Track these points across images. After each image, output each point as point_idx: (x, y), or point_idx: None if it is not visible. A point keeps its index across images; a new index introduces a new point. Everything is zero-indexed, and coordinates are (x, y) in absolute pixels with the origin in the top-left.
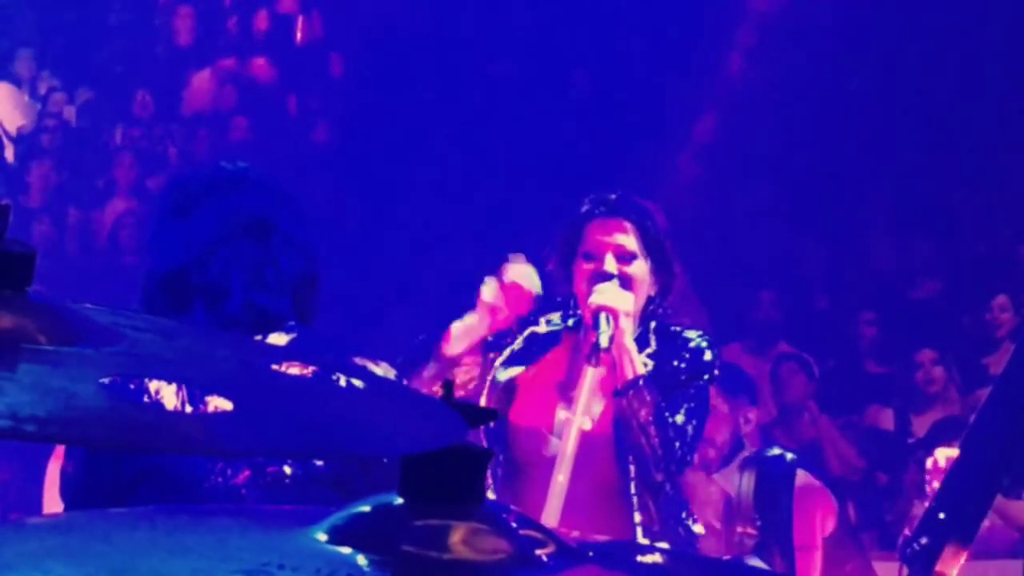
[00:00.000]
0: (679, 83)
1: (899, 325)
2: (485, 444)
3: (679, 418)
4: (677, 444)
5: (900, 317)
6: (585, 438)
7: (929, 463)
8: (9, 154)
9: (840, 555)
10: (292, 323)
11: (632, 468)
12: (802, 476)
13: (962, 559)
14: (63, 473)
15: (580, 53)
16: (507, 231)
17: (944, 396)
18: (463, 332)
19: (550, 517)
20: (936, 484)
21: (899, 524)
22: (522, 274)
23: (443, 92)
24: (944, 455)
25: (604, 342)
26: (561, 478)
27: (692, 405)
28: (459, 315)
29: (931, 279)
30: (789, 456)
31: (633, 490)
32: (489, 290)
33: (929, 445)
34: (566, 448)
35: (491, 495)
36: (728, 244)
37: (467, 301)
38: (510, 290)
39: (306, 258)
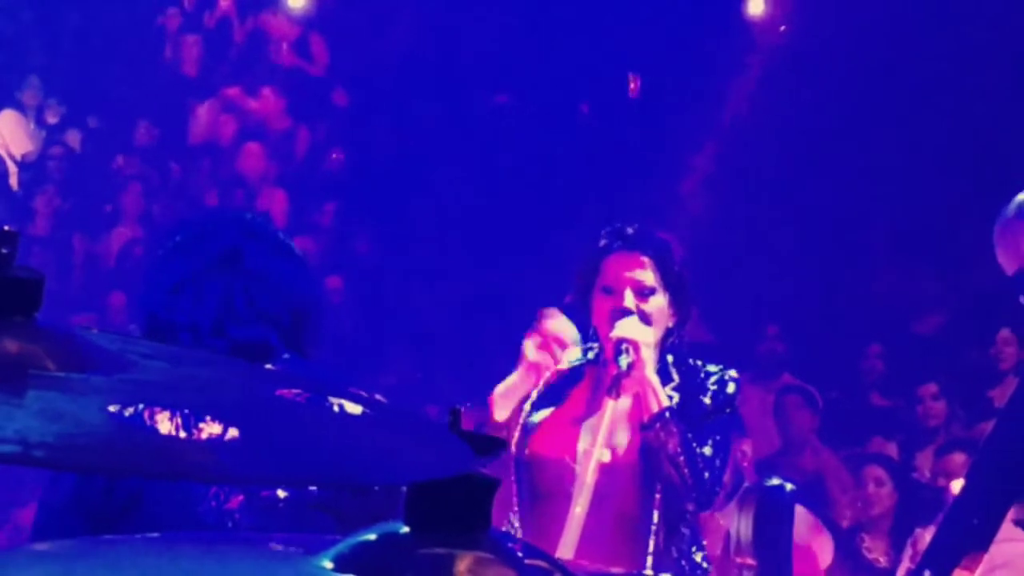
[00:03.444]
0: (683, 115)
1: (903, 359)
2: (514, 476)
3: (707, 450)
4: (707, 475)
5: (904, 351)
6: (606, 470)
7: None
8: (14, 181)
9: None
10: (287, 356)
11: (657, 499)
12: (799, 509)
13: None
14: (45, 503)
15: (585, 84)
16: (511, 258)
17: (946, 430)
18: (506, 394)
19: (567, 547)
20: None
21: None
22: (562, 327)
23: (449, 124)
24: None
25: (623, 365)
26: (579, 510)
27: (718, 438)
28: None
29: (935, 313)
30: (788, 486)
31: (654, 521)
32: (532, 348)
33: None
34: (584, 480)
35: (516, 522)
36: (733, 277)
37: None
38: (553, 345)
39: (287, 289)
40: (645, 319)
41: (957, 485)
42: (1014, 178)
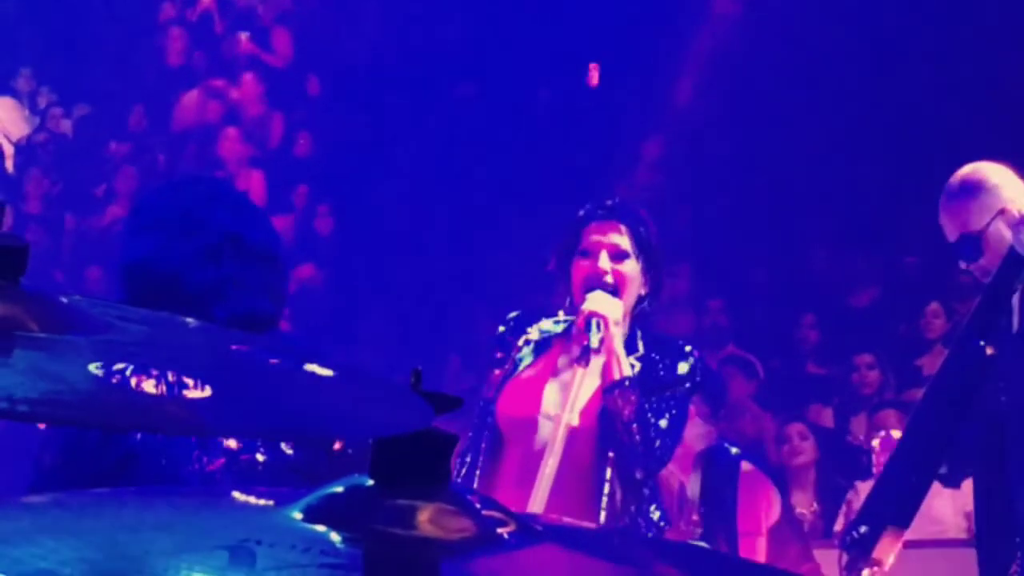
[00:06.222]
0: (635, 103)
1: (839, 330)
2: (483, 432)
3: (662, 422)
4: (657, 443)
5: (840, 322)
6: (573, 431)
7: (876, 442)
8: (9, 164)
9: (783, 541)
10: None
11: (610, 460)
12: (747, 466)
13: (898, 546)
14: (37, 465)
15: (544, 74)
16: (474, 239)
17: (880, 397)
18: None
19: (538, 502)
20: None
21: (836, 514)
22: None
23: (415, 112)
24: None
25: (595, 343)
26: (548, 469)
27: (674, 412)
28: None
29: (869, 287)
30: (734, 450)
31: (607, 479)
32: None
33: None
34: (555, 440)
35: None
36: (680, 255)
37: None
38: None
39: (284, 264)
40: (619, 279)
41: (877, 442)
42: (945, 161)
